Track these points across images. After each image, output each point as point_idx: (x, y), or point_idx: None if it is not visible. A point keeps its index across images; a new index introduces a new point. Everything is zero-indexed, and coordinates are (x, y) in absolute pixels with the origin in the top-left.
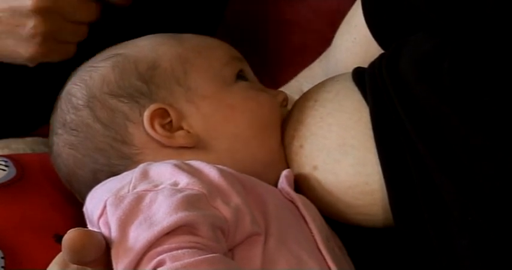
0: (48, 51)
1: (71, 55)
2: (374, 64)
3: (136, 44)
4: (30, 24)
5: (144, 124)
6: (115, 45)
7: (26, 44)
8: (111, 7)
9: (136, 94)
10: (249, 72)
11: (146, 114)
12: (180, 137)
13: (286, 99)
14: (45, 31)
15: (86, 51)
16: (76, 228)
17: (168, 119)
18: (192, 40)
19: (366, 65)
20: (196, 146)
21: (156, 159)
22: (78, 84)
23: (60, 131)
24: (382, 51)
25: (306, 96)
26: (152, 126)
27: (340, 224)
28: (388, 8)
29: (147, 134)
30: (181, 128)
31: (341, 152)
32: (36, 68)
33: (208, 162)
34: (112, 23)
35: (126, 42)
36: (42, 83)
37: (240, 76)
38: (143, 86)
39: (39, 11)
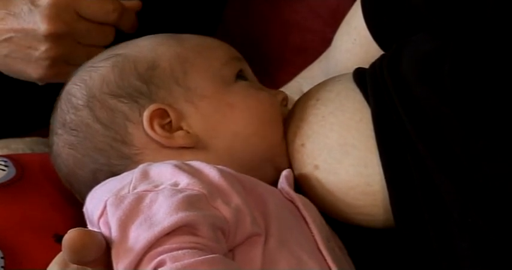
0: (57, 74)
1: None
2: (375, 65)
3: (136, 44)
4: (42, 48)
5: (143, 124)
6: (115, 46)
7: (35, 66)
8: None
9: (136, 94)
10: (248, 72)
11: (145, 114)
12: (179, 138)
13: (286, 98)
14: (56, 56)
15: None
16: (76, 228)
17: (168, 119)
18: (191, 40)
19: (366, 66)
20: (196, 146)
21: (155, 160)
22: (78, 84)
23: (60, 131)
24: (382, 52)
25: (308, 95)
26: (151, 127)
27: (340, 224)
28: (388, 9)
29: (147, 134)
30: (180, 128)
31: (342, 152)
32: None
33: (208, 161)
34: None
35: (125, 43)
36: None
37: (240, 76)
38: (143, 86)
39: (52, 36)
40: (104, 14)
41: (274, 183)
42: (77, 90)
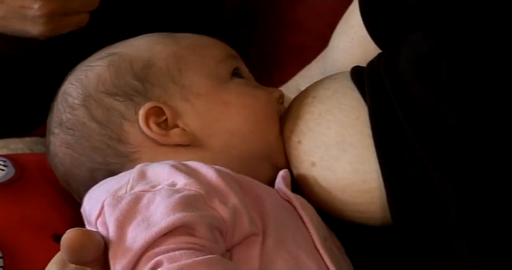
0: (57, 27)
1: (83, 25)
2: (372, 63)
3: (131, 43)
4: (35, 6)
5: (139, 122)
6: (111, 45)
7: (32, 23)
8: None
9: (132, 92)
10: (244, 70)
11: (141, 112)
12: (175, 135)
13: (282, 96)
14: (51, 11)
15: (84, 50)
16: (75, 228)
17: (164, 117)
18: (187, 39)
19: (363, 65)
20: (192, 143)
21: (152, 158)
22: (74, 83)
23: (56, 131)
24: (380, 51)
25: (304, 93)
26: (147, 125)
27: (338, 223)
28: (385, 8)
29: (143, 132)
30: (176, 126)
31: (339, 149)
32: (35, 68)
33: (205, 159)
34: (111, 23)
35: (121, 42)
36: (41, 82)
37: (236, 74)
38: (138, 84)
39: None
40: None
41: (272, 181)
42: (72, 89)
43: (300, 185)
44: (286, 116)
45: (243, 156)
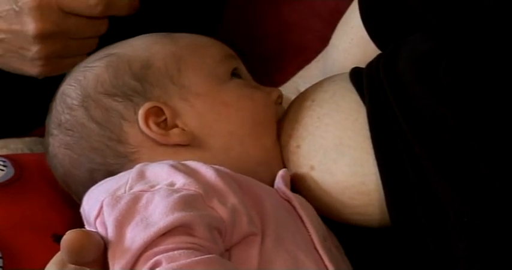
0: (54, 69)
1: None
2: (372, 64)
3: (130, 44)
4: (33, 49)
5: (138, 122)
6: (109, 45)
7: (31, 64)
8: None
9: (131, 93)
10: (243, 70)
11: (141, 112)
12: (174, 135)
13: (280, 96)
14: (48, 54)
15: None
16: (75, 229)
17: (163, 117)
18: (185, 39)
19: (363, 66)
20: (191, 143)
21: (151, 158)
22: (73, 84)
23: (55, 132)
24: (379, 52)
25: (303, 96)
26: (147, 125)
27: (337, 224)
28: (385, 9)
29: (142, 132)
30: (176, 126)
31: (338, 152)
32: None
33: (204, 160)
34: (110, 23)
35: (120, 42)
36: (41, 83)
37: (234, 74)
38: (137, 84)
39: (41, 37)
40: (87, 9)
41: (270, 185)
42: (71, 90)
43: (298, 189)
44: (284, 121)
45: (241, 159)
